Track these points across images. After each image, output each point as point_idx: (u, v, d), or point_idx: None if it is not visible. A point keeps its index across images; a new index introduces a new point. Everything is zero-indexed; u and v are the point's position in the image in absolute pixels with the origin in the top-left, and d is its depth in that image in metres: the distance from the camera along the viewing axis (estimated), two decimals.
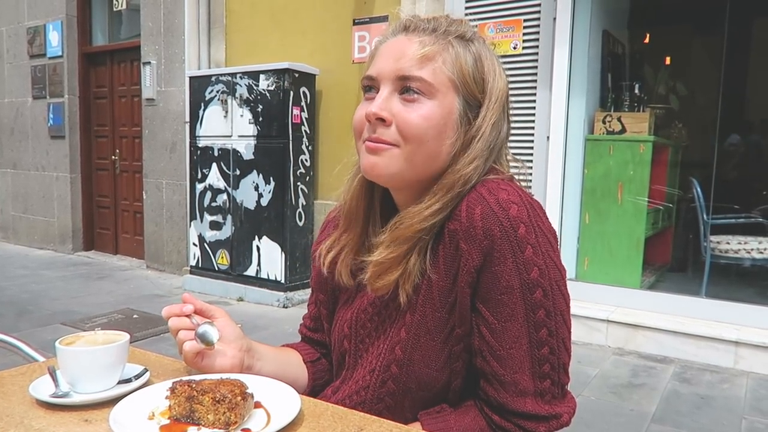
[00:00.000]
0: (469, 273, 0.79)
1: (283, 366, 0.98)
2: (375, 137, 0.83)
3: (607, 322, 3.51)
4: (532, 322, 0.79)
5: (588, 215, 3.92)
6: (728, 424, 2.55)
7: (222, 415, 0.71)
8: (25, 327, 3.74)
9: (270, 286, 4.45)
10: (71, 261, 6.05)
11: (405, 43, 0.83)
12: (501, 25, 3.84)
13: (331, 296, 1.01)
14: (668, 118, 4.90)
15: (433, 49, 0.82)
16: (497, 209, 0.78)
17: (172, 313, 0.88)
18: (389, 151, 0.82)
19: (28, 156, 6.69)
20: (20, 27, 6.56)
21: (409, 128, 0.81)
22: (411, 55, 0.82)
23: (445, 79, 0.82)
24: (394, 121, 0.82)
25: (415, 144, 0.82)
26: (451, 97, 0.83)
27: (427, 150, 0.83)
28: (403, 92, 0.82)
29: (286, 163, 4.34)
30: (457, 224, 0.80)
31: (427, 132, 0.82)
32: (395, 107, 0.82)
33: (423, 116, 0.81)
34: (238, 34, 5.07)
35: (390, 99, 0.82)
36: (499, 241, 0.77)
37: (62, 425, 0.73)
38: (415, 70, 0.81)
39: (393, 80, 0.82)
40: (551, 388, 0.81)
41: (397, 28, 0.86)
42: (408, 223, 0.82)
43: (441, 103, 0.82)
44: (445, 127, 0.83)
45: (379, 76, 0.84)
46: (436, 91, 0.82)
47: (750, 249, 3.94)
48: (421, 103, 0.82)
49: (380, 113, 0.81)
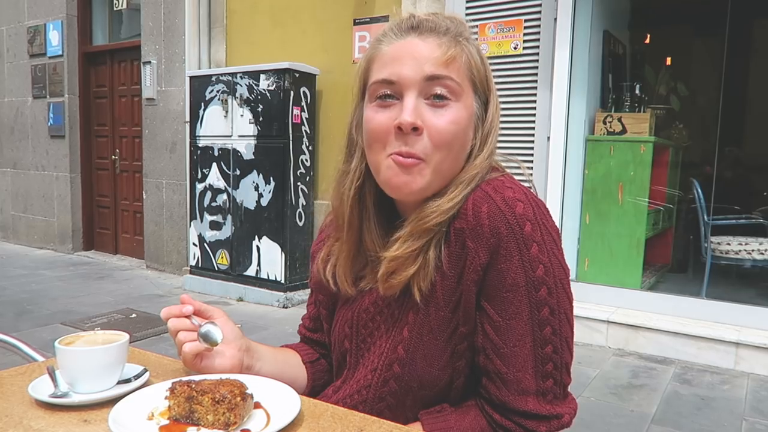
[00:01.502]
0: (476, 271, 0.79)
1: (283, 366, 0.98)
2: (407, 152, 0.79)
3: (608, 322, 3.51)
4: (536, 320, 0.79)
5: (588, 216, 3.91)
6: (729, 426, 2.54)
7: (221, 416, 0.71)
8: (24, 327, 3.74)
9: (270, 286, 4.45)
10: (71, 261, 6.05)
11: (421, 45, 0.80)
12: (502, 25, 3.84)
13: (330, 296, 1.01)
14: (669, 118, 4.91)
15: (454, 50, 0.81)
16: (504, 207, 0.78)
17: (171, 314, 0.87)
18: (419, 166, 0.80)
19: (28, 155, 6.69)
20: (20, 26, 6.56)
21: (441, 135, 0.80)
22: (436, 57, 0.79)
23: (466, 79, 0.82)
24: (425, 129, 0.79)
25: (444, 151, 0.80)
26: (471, 97, 0.83)
27: (454, 155, 0.82)
28: (431, 97, 0.80)
29: (287, 163, 4.34)
30: (464, 222, 0.80)
31: (456, 137, 0.81)
32: (425, 114, 0.80)
33: (452, 121, 0.80)
34: (239, 34, 5.07)
35: (417, 107, 0.80)
36: (505, 239, 0.77)
37: (61, 425, 0.73)
38: (443, 69, 0.80)
39: (419, 84, 0.79)
40: (553, 388, 0.81)
41: (403, 28, 0.83)
42: (429, 215, 0.81)
43: (465, 105, 0.82)
44: (468, 128, 0.84)
45: (401, 80, 0.80)
46: (462, 93, 0.82)
47: (750, 250, 3.94)
48: (449, 108, 0.80)
49: (416, 122, 0.78)
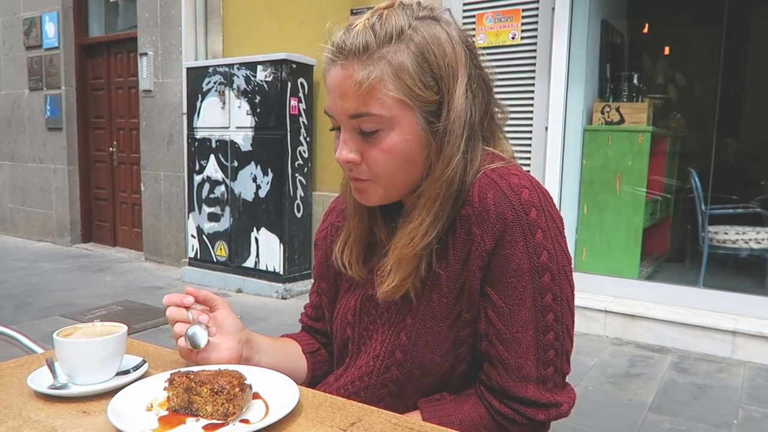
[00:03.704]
0: (481, 257, 0.80)
1: (282, 358, 0.98)
2: (352, 175, 0.84)
3: (605, 312, 3.52)
4: (539, 307, 0.79)
5: (586, 206, 3.92)
6: (725, 414, 2.56)
7: (220, 406, 0.71)
8: (24, 319, 3.74)
9: (269, 277, 4.45)
10: (70, 253, 6.05)
11: (341, 76, 0.79)
12: (499, 15, 3.82)
13: (332, 285, 1.02)
14: (667, 108, 4.89)
15: (371, 78, 0.76)
16: (509, 193, 0.78)
17: (171, 302, 0.87)
18: (368, 183, 0.84)
19: (25, 148, 6.67)
20: (16, 18, 6.52)
21: (377, 165, 0.81)
22: (351, 92, 0.78)
23: (393, 103, 0.78)
24: (363, 159, 0.82)
25: (388, 176, 0.82)
26: (408, 116, 0.79)
27: (402, 172, 0.82)
28: (361, 131, 0.80)
29: (284, 155, 4.33)
30: (470, 209, 0.80)
31: (394, 163, 0.81)
32: (360, 145, 0.81)
33: (386, 150, 0.80)
34: (235, 25, 5.04)
35: (351, 139, 0.81)
36: (511, 225, 0.78)
37: (60, 417, 0.73)
38: (362, 107, 0.78)
39: (346, 121, 0.81)
40: (554, 376, 0.81)
41: (331, 52, 0.80)
42: (407, 243, 0.82)
43: (401, 129, 0.79)
44: (411, 149, 0.80)
45: (334, 115, 0.82)
46: (391, 120, 0.78)
47: (748, 239, 3.95)
48: (380, 137, 0.80)
49: (348, 157, 0.81)
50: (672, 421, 2.49)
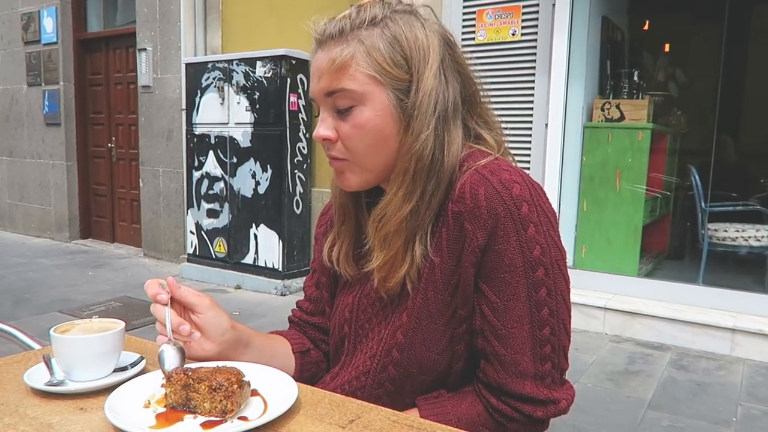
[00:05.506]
0: (474, 253, 0.80)
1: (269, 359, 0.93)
2: (330, 155, 0.87)
3: (605, 309, 3.52)
4: (533, 301, 0.79)
5: (586, 203, 3.91)
6: (724, 411, 2.56)
7: (218, 404, 0.70)
8: (22, 315, 3.74)
9: (268, 274, 4.45)
10: (68, 249, 6.04)
11: (321, 59, 0.84)
12: (500, 11, 3.81)
13: (332, 280, 1.02)
14: (667, 105, 4.89)
15: (343, 54, 0.81)
16: (501, 189, 0.78)
17: (152, 297, 0.87)
18: (345, 164, 0.86)
19: (23, 144, 6.66)
20: (14, 13, 6.50)
21: (348, 141, 0.84)
22: (326, 69, 0.83)
23: (365, 78, 0.81)
24: (338, 136, 0.85)
25: (361, 152, 0.84)
26: (379, 92, 0.82)
27: (376, 151, 0.84)
28: (337, 109, 0.84)
29: (284, 151, 4.33)
30: (461, 206, 0.80)
31: (366, 139, 0.83)
32: (336, 123, 0.85)
33: (358, 126, 0.83)
34: (235, 21, 5.02)
35: (329, 117, 0.85)
36: (503, 220, 0.78)
37: (57, 413, 0.72)
38: (335, 83, 0.82)
39: (323, 100, 0.85)
40: (551, 372, 0.81)
41: (315, 42, 0.87)
42: (385, 218, 0.83)
43: (372, 105, 0.82)
44: (384, 125, 0.83)
45: (315, 97, 0.87)
46: (363, 95, 0.82)
47: (747, 237, 3.95)
48: (353, 114, 0.83)
49: (324, 134, 0.85)
50: (671, 418, 2.49)
